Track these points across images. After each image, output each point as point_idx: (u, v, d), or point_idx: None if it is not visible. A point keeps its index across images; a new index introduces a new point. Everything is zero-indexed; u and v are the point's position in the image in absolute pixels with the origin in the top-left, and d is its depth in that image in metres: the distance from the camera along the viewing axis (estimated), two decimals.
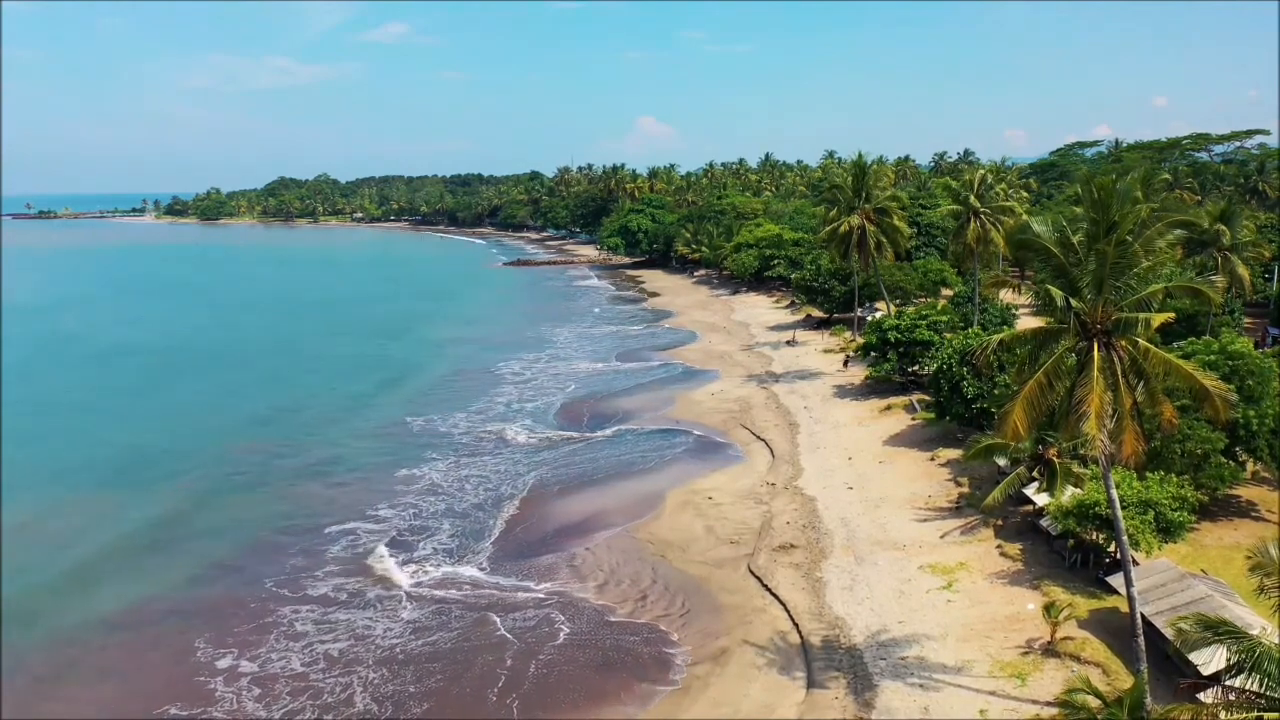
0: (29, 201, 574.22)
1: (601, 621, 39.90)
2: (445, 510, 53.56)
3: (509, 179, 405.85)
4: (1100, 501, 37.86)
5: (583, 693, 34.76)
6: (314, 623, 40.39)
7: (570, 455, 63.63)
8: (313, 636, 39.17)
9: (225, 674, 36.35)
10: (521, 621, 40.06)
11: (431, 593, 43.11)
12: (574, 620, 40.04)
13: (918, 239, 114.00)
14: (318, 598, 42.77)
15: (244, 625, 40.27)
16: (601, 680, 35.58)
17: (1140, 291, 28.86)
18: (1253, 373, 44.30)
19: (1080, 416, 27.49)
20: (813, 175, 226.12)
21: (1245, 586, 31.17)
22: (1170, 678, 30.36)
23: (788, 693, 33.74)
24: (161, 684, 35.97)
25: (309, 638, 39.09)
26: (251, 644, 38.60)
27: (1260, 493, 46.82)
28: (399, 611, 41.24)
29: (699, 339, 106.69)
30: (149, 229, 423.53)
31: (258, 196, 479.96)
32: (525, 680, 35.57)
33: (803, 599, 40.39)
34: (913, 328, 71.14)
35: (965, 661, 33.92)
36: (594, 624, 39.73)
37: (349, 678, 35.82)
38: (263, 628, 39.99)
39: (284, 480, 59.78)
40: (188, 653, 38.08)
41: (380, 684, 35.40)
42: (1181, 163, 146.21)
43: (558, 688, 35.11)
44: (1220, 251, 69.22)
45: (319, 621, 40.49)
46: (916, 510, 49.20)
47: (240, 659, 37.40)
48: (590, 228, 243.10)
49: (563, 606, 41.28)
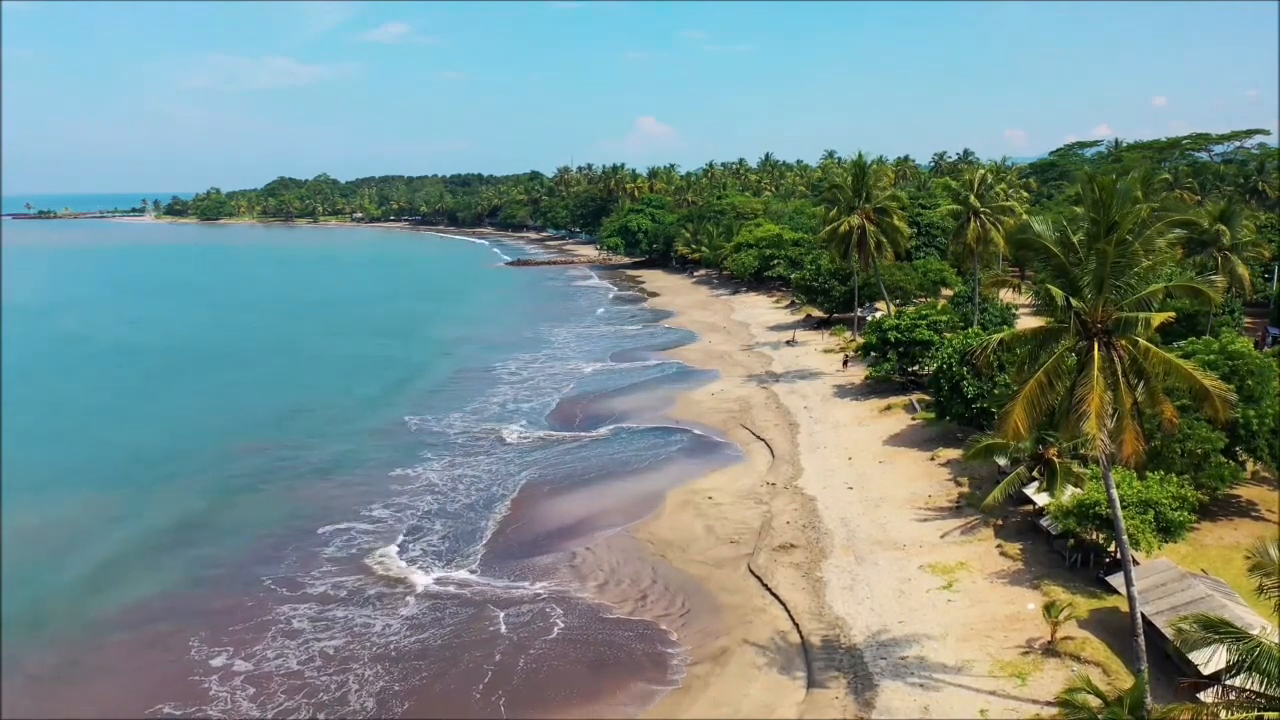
0: (29, 201, 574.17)
1: (601, 620, 39.89)
2: (440, 510, 53.56)
3: (509, 179, 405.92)
4: (1100, 501, 37.86)
5: (582, 692, 34.74)
6: (310, 620, 40.45)
7: (569, 455, 63.60)
8: (309, 634, 39.19)
9: (220, 672, 36.38)
10: (519, 620, 40.04)
11: (434, 589, 43.19)
12: (573, 619, 40.04)
13: (918, 239, 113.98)
14: (316, 596, 42.82)
15: (240, 624, 40.28)
16: (601, 680, 35.56)
17: (1140, 291, 28.86)
18: (1252, 372, 44.30)
19: (1080, 416, 27.48)
20: (813, 175, 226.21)
21: (1245, 586, 31.21)
22: (1170, 677, 30.34)
23: (788, 692, 33.74)
24: (156, 683, 35.97)
25: (304, 635, 39.12)
26: (247, 642, 38.61)
27: (1260, 492, 46.82)
28: (397, 609, 41.25)
29: (699, 339, 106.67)
30: (149, 229, 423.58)
31: (258, 196, 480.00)
32: (523, 678, 35.58)
33: (803, 599, 40.38)
34: (913, 327, 71.14)
35: (965, 661, 33.91)
36: (593, 623, 39.72)
37: (344, 675, 35.84)
38: (259, 626, 40.01)
39: (281, 480, 59.76)
40: (183, 651, 38.10)
41: (374, 680, 35.47)
42: (1181, 163, 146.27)
43: (557, 687, 35.10)
44: (1220, 251, 69.22)
45: (315, 619, 40.54)
46: (916, 510, 49.19)
47: (235, 657, 37.43)
48: (590, 228, 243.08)
49: (562, 606, 41.26)
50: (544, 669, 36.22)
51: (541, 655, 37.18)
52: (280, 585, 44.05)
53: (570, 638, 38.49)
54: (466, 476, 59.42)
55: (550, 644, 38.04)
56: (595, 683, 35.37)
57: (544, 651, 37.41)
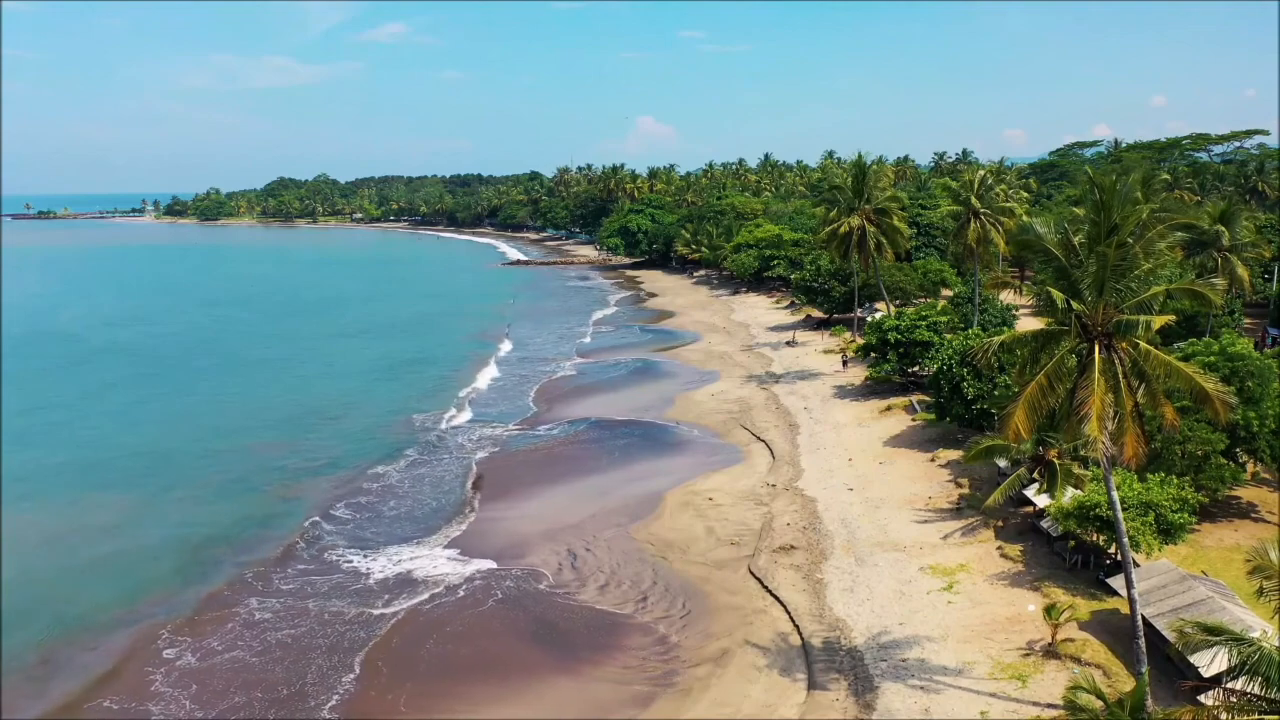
0: (28, 202, 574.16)
1: (601, 621, 39.89)
2: (439, 508, 53.68)
3: (508, 179, 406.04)
4: (1101, 503, 37.86)
5: (581, 693, 34.71)
6: (273, 613, 41.14)
7: (569, 455, 63.60)
8: (269, 625, 39.93)
9: (166, 665, 36.96)
10: (518, 620, 40.09)
11: (447, 579, 43.50)
12: (572, 619, 40.07)
13: (917, 239, 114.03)
14: (287, 591, 43.54)
15: (206, 614, 41.15)
16: (601, 681, 35.53)
17: (1141, 294, 28.87)
18: (1253, 374, 44.31)
19: (1082, 418, 27.49)
20: (812, 175, 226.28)
21: (1245, 588, 31.22)
22: (1171, 679, 30.38)
23: (789, 694, 33.75)
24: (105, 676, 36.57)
25: (265, 627, 39.86)
26: (207, 634, 39.32)
27: (1260, 493, 46.84)
28: (374, 602, 41.64)
29: (699, 339, 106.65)
30: (148, 229, 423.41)
31: (257, 197, 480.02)
32: (521, 675, 35.57)
33: (803, 600, 40.39)
34: (912, 328, 71.12)
35: (966, 663, 33.92)
36: (592, 623, 39.72)
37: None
38: (222, 618, 40.74)
39: (265, 478, 59.94)
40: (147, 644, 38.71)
41: (333, 674, 35.97)
42: (1181, 163, 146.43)
43: (555, 688, 35.08)
44: (1220, 252, 69.21)
45: (280, 613, 41.23)
46: (917, 511, 49.20)
47: (187, 650, 38.10)
48: (590, 228, 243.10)
49: (563, 606, 41.30)
50: (551, 673, 36.21)
51: (541, 654, 37.13)
52: (257, 580, 44.94)
53: (575, 640, 38.47)
54: (431, 476, 59.83)
55: (550, 644, 37.99)
56: (594, 684, 35.32)
57: (552, 656, 37.37)
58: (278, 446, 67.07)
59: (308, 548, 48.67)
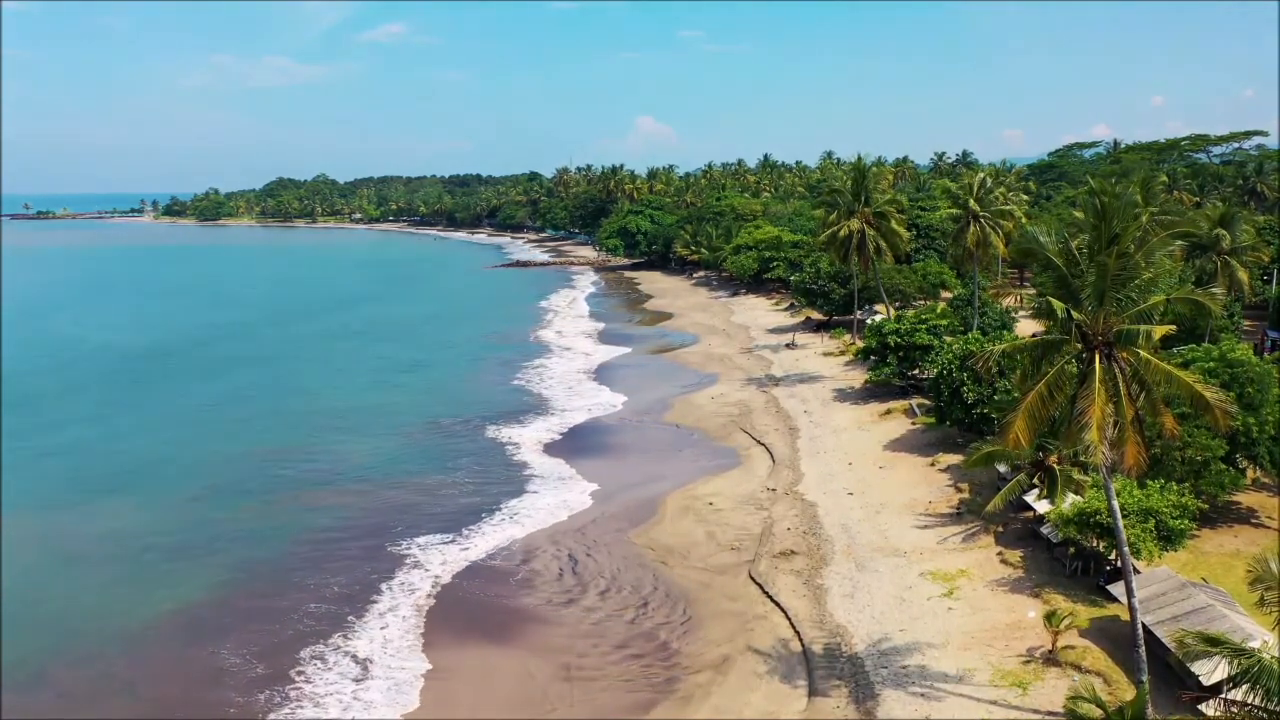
0: (27, 202, 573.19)
1: (602, 624, 39.92)
2: (438, 511, 53.59)
3: (508, 179, 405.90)
4: (1101, 509, 37.89)
5: (583, 698, 34.75)
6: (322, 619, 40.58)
7: (569, 455, 63.61)
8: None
9: (236, 676, 36.49)
10: (518, 621, 40.12)
11: (442, 581, 43.34)
12: (573, 621, 40.09)
13: (917, 241, 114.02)
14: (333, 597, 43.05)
15: (260, 626, 40.54)
16: (601, 687, 35.54)
17: (1142, 303, 28.90)
18: (1252, 380, 44.33)
19: (1082, 427, 27.55)
20: (811, 176, 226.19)
21: (1246, 594, 31.24)
22: (1171, 687, 30.42)
23: (789, 701, 33.80)
24: (173, 691, 36.13)
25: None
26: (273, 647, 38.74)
27: (1260, 499, 46.89)
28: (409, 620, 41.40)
29: (698, 341, 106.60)
30: (148, 229, 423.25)
31: (256, 197, 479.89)
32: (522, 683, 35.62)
33: (804, 606, 40.43)
34: (912, 331, 71.16)
35: (966, 670, 33.96)
36: (593, 629, 39.72)
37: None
38: (280, 629, 40.27)
39: (284, 488, 59.72)
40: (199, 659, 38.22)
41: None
42: (1180, 164, 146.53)
43: (553, 694, 35.12)
44: (1220, 256, 69.26)
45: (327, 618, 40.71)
46: (917, 516, 49.25)
47: (253, 661, 37.60)
48: (589, 229, 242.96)
49: (562, 606, 41.33)
50: (551, 678, 36.24)
51: (538, 660, 37.15)
52: (303, 590, 44.25)
53: (576, 645, 38.46)
54: (461, 480, 59.45)
55: (550, 647, 38.03)
56: (595, 691, 35.34)
57: (552, 660, 37.40)
58: (284, 452, 67.00)
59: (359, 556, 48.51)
